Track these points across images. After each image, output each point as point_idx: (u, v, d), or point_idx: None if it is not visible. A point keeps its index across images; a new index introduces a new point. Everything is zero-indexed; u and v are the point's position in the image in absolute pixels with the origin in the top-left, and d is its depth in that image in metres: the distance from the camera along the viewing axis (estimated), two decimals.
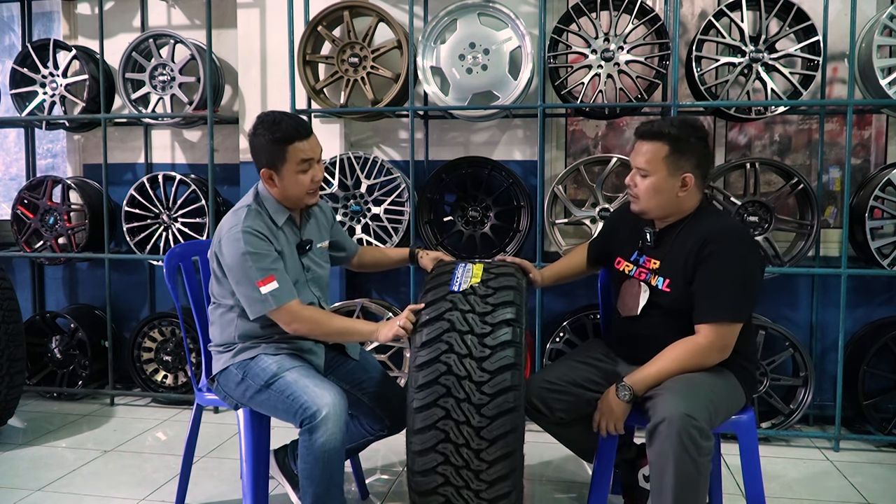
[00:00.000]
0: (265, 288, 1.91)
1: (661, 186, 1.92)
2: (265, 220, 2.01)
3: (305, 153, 2.00)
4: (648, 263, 2.02)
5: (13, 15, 4.04)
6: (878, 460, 2.85)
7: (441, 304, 1.82)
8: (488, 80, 3.05)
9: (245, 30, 3.45)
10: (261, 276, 1.92)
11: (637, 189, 1.97)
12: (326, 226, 2.27)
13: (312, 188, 2.05)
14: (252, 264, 1.92)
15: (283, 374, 1.94)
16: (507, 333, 1.76)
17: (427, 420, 1.73)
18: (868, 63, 2.88)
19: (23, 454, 2.89)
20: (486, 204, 3.23)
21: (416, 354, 1.78)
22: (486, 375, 1.72)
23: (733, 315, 1.84)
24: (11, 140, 4.21)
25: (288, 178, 2.01)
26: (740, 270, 1.85)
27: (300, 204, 2.08)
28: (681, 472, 1.66)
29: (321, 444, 1.81)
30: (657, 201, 1.95)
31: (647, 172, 1.93)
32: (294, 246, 2.09)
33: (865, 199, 2.91)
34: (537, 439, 2.79)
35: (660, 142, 1.92)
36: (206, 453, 2.87)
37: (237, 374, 2.02)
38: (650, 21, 2.95)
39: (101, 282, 3.61)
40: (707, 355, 1.85)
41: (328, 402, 1.84)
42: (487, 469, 1.71)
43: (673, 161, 1.91)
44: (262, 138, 2.00)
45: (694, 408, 1.69)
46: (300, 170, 2.00)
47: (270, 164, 2.00)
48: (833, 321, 3.09)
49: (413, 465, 1.76)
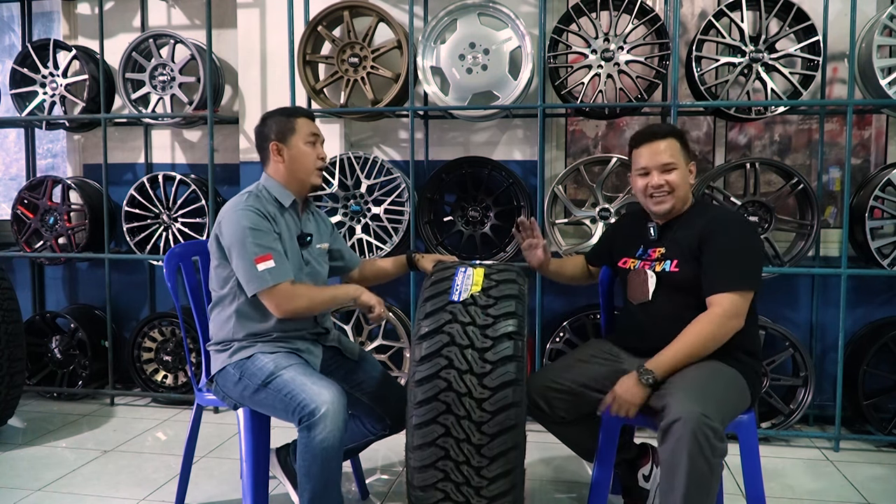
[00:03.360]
0: (262, 265, 1.94)
1: (684, 176, 2.07)
2: (266, 204, 2.05)
3: (312, 128, 2.14)
4: (654, 254, 2.09)
5: (13, 15, 4.04)
6: (878, 460, 2.85)
7: (441, 314, 1.78)
8: (488, 80, 3.05)
9: (245, 30, 3.45)
10: (259, 252, 1.95)
11: (670, 183, 2.05)
12: (327, 231, 2.30)
13: (319, 164, 2.13)
14: (252, 240, 1.95)
15: (281, 373, 1.94)
16: (508, 348, 1.72)
17: (427, 437, 1.70)
18: (868, 63, 2.88)
19: (23, 454, 2.89)
20: (486, 204, 3.23)
21: (415, 369, 1.74)
22: (487, 392, 1.69)
23: (744, 282, 1.90)
24: (11, 140, 4.21)
25: (296, 149, 2.10)
26: (744, 243, 1.95)
27: (305, 183, 2.13)
28: (694, 472, 1.66)
29: (319, 441, 1.81)
30: (683, 190, 2.07)
31: (674, 165, 2.05)
32: (295, 235, 2.12)
33: (865, 199, 2.91)
34: (538, 439, 2.79)
35: (672, 137, 2.08)
36: (206, 453, 2.87)
37: (234, 373, 2.02)
38: (650, 21, 2.95)
39: (101, 282, 3.61)
40: (724, 324, 1.88)
41: (326, 399, 1.84)
42: (488, 486, 1.69)
43: (685, 153, 2.09)
44: (270, 120, 2.13)
45: (709, 408, 1.69)
46: (308, 141, 2.11)
47: (280, 136, 2.10)
48: (833, 321, 3.09)
49: (413, 481, 1.74)
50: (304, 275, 2.12)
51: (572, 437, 2.20)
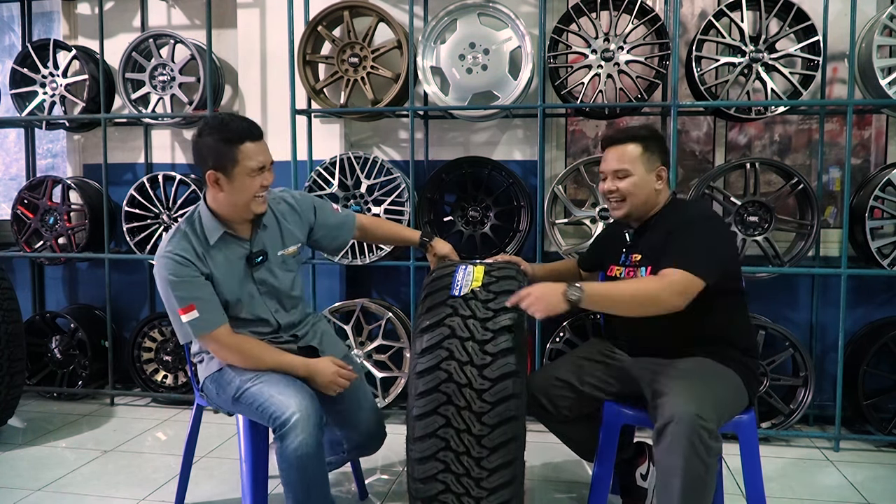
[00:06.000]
0: (185, 317, 1.89)
1: (642, 182, 2.04)
2: (194, 241, 1.93)
3: (257, 156, 1.91)
4: (633, 259, 2.08)
5: (13, 15, 4.04)
6: (878, 460, 2.85)
7: (441, 308, 1.80)
8: (488, 80, 3.05)
9: (245, 30, 3.45)
10: (181, 305, 1.89)
11: (620, 191, 2.04)
12: (299, 225, 2.15)
13: (260, 193, 1.94)
14: (172, 292, 1.89)
15: (247, 387, 1.93)
16: (508, 340, 1.74)
17: (427, 428, 1.71)
18: (868, 63, 2.88)
19: (23, 454, 2.89)
20: (486, 204, 3.23)
21: (416, 361, 1.76)
22: (488, 383, 1.70)
23: (697, 267, 1.82)
24: (11, 140, 4.21)
25: (236, 182, 1.90)
26: (704, 234, 1.91)
27: (246, 213, 1.96)
28: (690, 473, 1.66)
29: (293, 449, 1.81)
30: (640, 198, 2.05)
31: (627, 172, 2.03)
32: (242, 260, 2.01)
33: (865, 199, 2.91)
34: (538, 440, 2.79)
35: (632, 143, 2.05)
36: (206, 453, 2.87)
37: (212, 387, 2.05)
38: (650, 21, 2.95)
39: (101, 282, 3.61)
40: (668, 293, 1.80)
41: (294, 407, 1.83)
42: (488, 477, 1.70)
43: (647, 158, 2.04)
44: (209, 139, 1.90)
45: (703, 408, 1.69)
46: (251, 173, 1.90)
47: (218, 165, 1.89)
48: (833, 321, 3.09)
49: (413, 473, 1.75)
50: (261, 295, 2.04)
51: (573, 436, 2.21)
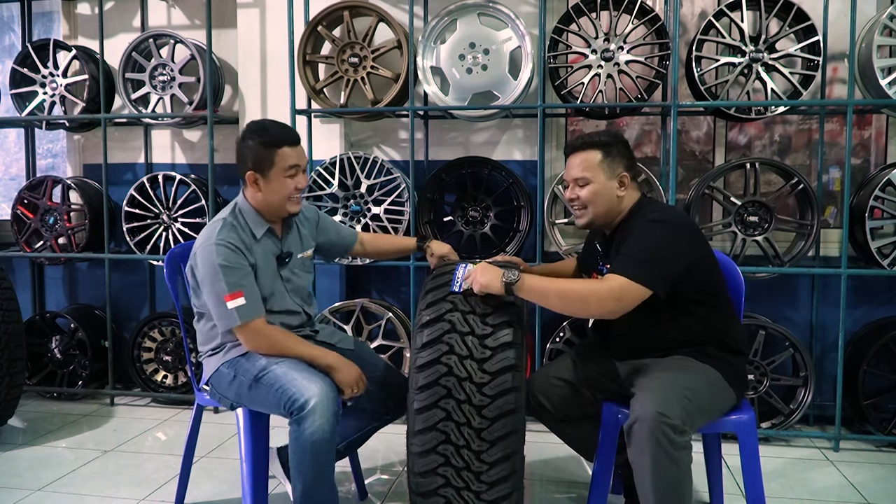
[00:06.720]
0: (232, 303, 1.94)
1: (603, 190, 2.02)
2: (241, 233, 2.02)
3: (293, 159, 2.04)
4: (607, 268, 2.06)
5: (13, 15, 4.04)
6: (878, 460, 2.85)
7: (442, 304, 1.82)
8: (488, 80, 3.05)
9: (245, 30, 3.45)
10: (229, 290, 1.94)
11: (581, 199, 2.04)
12: (311, 231, 2.29)
13: (296, 195, 2.07)
14: (223, 278, 1.94)
15: (272, 368, 1.95)
16: (507, 335, 1.76)
17: (428, 421, 1.73)
18: (868, 63, 2.88)
19: (23, 454, 2.89)
20: (486, 204, 3.23)
21: (416, 356, 1.78)
22: (487, 377, 1.72)
23: (637, 275, 1.82)
24: (11, 140, 4.21)
25: (273, 182, 2.03)
26: (645, 239, 1.89)
27: (281, 212, 2.09)
28: (659, 470, 1.68)
29: (309, 434, 1.82)
30: (602, 205, 2.03)
31: (587, 180, 2.02)
32: (274, 258, 2.11)
33: (865, 199, 2.91)
34: (538, 439, 2.79)
35: (592, 150, 2.03)
36: (206, 453, 2.87)
37: (228, 372, 2.04)
38: (650, 21, 2.95)
39: (101, 282, 3.61)
40: (600, 297, 1.81)
41: (315, 392, 1.85)
42: (488, 470, 1.71)
43: (608, 165, 2.02)
44: (250, 142, 2.04)
45: (666, 405, 1.69)
46: (286, 175, 2.03)
47: (257, 166, 2.03)
48: (833, 321, 3.09)
49: (414, 467, 1.77)
50: (286, 291, 2.13)
51: (574, 436, 2.21)
